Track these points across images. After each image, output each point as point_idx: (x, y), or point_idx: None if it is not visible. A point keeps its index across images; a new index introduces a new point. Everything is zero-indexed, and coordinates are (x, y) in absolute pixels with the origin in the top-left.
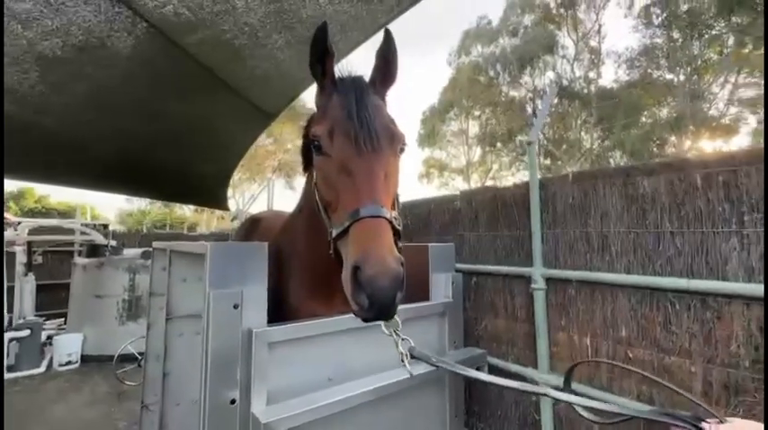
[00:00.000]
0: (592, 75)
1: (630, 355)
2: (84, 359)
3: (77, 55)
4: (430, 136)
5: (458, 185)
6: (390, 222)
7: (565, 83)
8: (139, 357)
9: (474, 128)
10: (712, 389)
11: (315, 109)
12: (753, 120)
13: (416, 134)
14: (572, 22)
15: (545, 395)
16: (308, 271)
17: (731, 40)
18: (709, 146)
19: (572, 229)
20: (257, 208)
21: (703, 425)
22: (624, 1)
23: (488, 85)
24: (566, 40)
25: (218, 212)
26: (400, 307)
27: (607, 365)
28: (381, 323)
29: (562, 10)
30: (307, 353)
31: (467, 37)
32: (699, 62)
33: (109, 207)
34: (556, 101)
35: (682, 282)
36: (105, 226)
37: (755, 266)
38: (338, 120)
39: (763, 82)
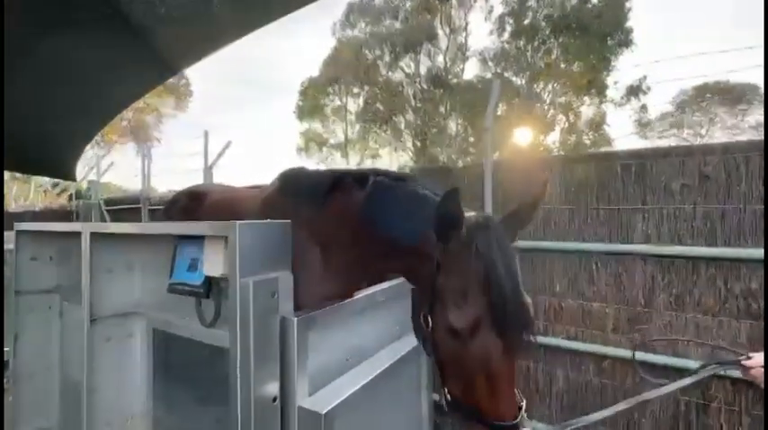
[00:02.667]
0: (460, 67)
1: (563, 305)
2: None
3: None
4: (314, 109)
5: (337, 161)
6: None
7: (437, 72)
8: None
9: (353, 105)
10: (620, 323)
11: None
12: (562, 121)
13: (295, 105)
14: (446, 17)
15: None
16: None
17: (554, 55)
18: (538, 138)
19: None
20: (110, 179)
21: (744, 361)
22: (485, 6)
23: (373, 64)
24: (440, 32)
25: (34, 184)
26: (388, 284)
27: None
28: None
29: (437, 2)
30: (330, 337)
31: (351, 10)
32: (535, 70)
33: None
34: (428, 87)
35: (602, 246)
36: None
37: (651, 233)
38: (486, 310)
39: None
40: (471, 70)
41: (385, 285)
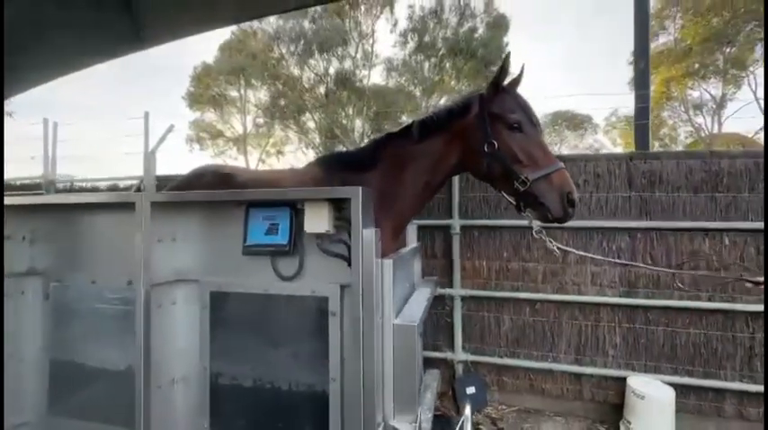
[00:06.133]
0: (365, 73)
1: (509, 267)
2: None
3: None
4: (209, 98)
5: (234, 156)
6: None
7: (346, 74)
8: None
9: (253, 98)
10: (546, 276)
11: None
12: None
13: (185, 91)
14: (355, 23)
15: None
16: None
17: (447, 73)
18: None
19: (479, 193)
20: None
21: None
22: (391, 19)
23: (280, 59)
24: (350, 36)
25: None
26: (404, 250)
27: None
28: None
29: (347, 7)
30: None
31: None
32: (431, 84)
33: None
34: (336, 89)
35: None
36: None
37: None
38: (527, 116)
39: None
40: (375, 77)
41: (409, 248)
